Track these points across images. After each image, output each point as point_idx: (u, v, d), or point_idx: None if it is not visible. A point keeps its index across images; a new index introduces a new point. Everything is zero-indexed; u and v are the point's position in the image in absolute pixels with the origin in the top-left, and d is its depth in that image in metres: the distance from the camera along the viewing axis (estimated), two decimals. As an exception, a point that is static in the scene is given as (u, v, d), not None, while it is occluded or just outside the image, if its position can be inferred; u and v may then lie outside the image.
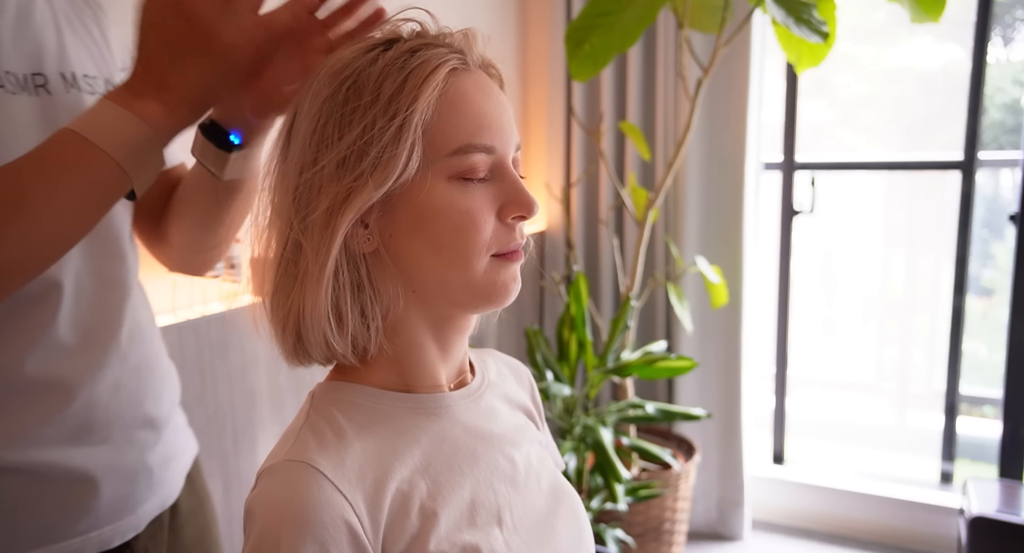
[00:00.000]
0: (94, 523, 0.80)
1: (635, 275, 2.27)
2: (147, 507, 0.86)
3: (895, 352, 3.29)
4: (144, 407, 0.85)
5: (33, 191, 0.62)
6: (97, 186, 0.63)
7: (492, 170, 0.63)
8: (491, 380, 0.74)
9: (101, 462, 0.80)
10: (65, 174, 0.62)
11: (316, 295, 0.59)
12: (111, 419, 0.81)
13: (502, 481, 0.66)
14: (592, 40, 1.98)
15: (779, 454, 2.81)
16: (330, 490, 0.56)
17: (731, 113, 2.44)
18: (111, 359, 0.81)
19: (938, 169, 2.75)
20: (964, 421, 2.84)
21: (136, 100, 0.63)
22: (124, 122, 0.63)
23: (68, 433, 0.78)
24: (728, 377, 2.56)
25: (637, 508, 2.16)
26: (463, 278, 0.62)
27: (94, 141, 0.62)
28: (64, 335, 0.78)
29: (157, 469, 0.87)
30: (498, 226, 0.62)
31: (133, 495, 0.84)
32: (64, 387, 0.77)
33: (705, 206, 2.55)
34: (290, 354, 0.64)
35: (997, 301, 3.12)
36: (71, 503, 0.78)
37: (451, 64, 0.61)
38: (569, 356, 2.27)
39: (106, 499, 0.80)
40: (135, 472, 0.84)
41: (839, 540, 2.54)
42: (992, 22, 2.35)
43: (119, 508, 0.82)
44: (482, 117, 0.61)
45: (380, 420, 0.63)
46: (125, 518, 0.83)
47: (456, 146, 0.60)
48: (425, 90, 0.58)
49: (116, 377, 0.82)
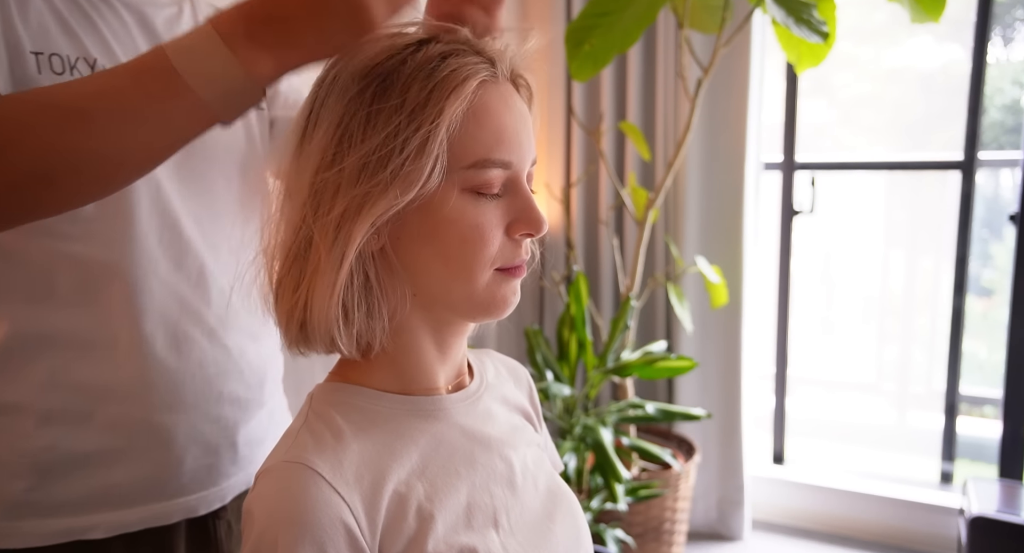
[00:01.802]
0: (179, 489, 0.83)
1: (635, 275, 2.27)
2: (232, 482, 0.89)
3: (895, 352, 3.29)
4: (230, 387, 0.87)
5: (108, 115, 0.59)
6: (180, 122, 0.61)
7: (506, 185, 0.62)
8: (489, 382, 0.74)
9: (184, 430, 0.83)
10: (148, 107, 0.59)
11: (324, 291, 0.59)
12: (197, 390, 0.83)
13: (499, 484, 0.67)
14: (592, 40, 1.98)
15: (779, 454, 2.81)
16: (328, 491, 0.57)
17: (731, 113, 2.44)
18: (197, 334, 0.83)
19: (938, 169, 2.75)
20: (964, 421, 2.84)
21: (250, 47, 0.58)
22: (228, 67, 0.58)
23: (159, 396, 0.80)
24: (728, 377, 2.56)
25: (637, 508, 2.16)
26: (465, 289, 0.62)
27: (190, 82, 0.58)
28: (158, 301, 0.80)
29: (243, 447, 0.89)
30: (505, 241, 0.62)
31: (217, 467, 0.86)
32: (156, 351, 0.80)
33: (705, 206, 2.55)
34: (292, 343, 0.64)
35: (997, 301, 3.12)
36: (159, 465, 0.81)
37: (480, 76, 0.60)
38: (569, 356, 2.27)
39: (189, 467, 0.83)
40: (219, 446, 0.86)
41: (839, 540, 2.54)
42: (992, 22, 2.35)
43: (202, 479, 0.85)
44: (502, 132, 0.61)
45: (378, 422, 0.63)
46: (209, 489, 0.86)
47: (474, 160, 0.60)
48: (452, 103, 0.58)
49: (203, 352, 0.84)
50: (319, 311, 0.59)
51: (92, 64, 0.75)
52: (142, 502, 0.81)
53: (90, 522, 0.78)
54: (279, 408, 1.00)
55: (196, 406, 0.84)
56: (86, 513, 0.78)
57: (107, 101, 0.60)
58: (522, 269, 0.65)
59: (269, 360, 0.95)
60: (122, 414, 0.79)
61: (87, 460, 0.78)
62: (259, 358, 0.92)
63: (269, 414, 0.95)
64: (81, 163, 0.61)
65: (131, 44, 0.79)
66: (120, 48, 0.78)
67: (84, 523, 0.77)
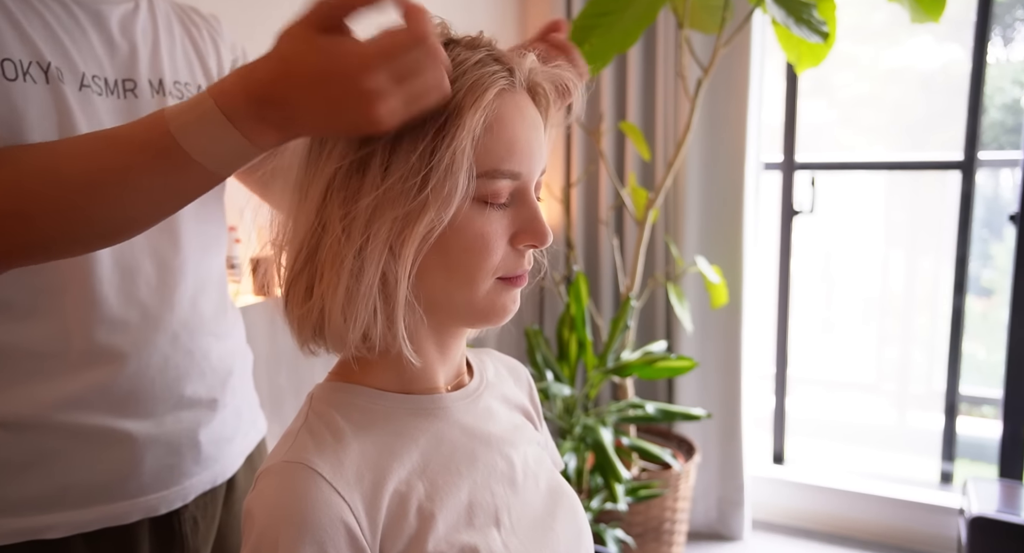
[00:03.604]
0: (139, 489, 0.83)
1: (635, 275, 2.27)
2: (195, 481, 0.89)
3: (895, 352, 3.29)
4: (191, 388, 0.87)
5: (117, 190, 0.61)
6: (187, 189, 0.62)
7: (513, 195, 0.62)
8: (489, 381, 0.74)
9: (145, 432, 0.83)
10: (155, 181, 0.61)
11: (347, 299, 0.59)
12: (157, 395, 0.84)
13: (500, 482, 0.67)
14: (592, 40, 1.98)
15: (779, 454, 2.81)
16: (328, 491, 0.56)
17: (731, 113, 2.44)
18: (160, 339, 0.83)
19: (938, 169, 2.75)
20: (964, 421, 2.84)
21: (255, 123, 0.58)
22: (234, 143, 0.59)
23: (116, 403, 0.81)
24: (728, 377, 2.56)
25: (637, 508, 2.16)
26: (466, 296, 0.62)
27: (198, 159, 0.59)
28: (115, 309, 0.80)
29: (207, 446, 0.89)
30: (508, 251, 0.62)
31: (179, 467, 0.86)
32: (113, 359, 0.80)
33: (705, 206, 2.55)
34: (305, 344, 0.64)
35: (997, 301, 3.12)
36: (116, 466, 0.81)
37: (499, 85, 0.60)
38: (569, 356, 2.27)
39: (149, 467, 0.83)
40: (180, 446, 0.86)
41: (839, 540, 2.54)
42: (992, 22, 2.35)
43: (164, 478, 0.85)
44: (515, 143, 0.60)
45: (378, 421, 0.63)
46: (171, 488, 0.86)
47: (484, 169, 0.59)
48: (474, 114, 0.57)
49: (165, 357, 0.84)
50: (337, 318, 0.59)
51: (46, 68, 0.74)
52: (101, 502, 0.81)
53: (46, 522, 0.78)
54: (248, 405, 0.99)
55: (156, 410, 0.84)
56: (42, 513, 0.78)
57: (114, 176, 0.61)
58: (524, 279, 0.64)
59: (235, 357, 0.95)
60: (79, 420, 0.79)
61: (43, 460, 0.78)
62: (223, 357, 0.92)
63: (236, 412, 0.95)
64: (86, 232, 0.63)
65: (86, 44, 0.79)
66: (75, 49, 0.77)
67: (40, 523, 0.77)
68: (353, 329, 0.59)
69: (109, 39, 0.81)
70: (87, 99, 0.77)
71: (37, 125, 0.73)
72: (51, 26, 0.76)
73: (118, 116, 0.80)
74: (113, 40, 0.81)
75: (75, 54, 0.77)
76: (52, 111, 0.74)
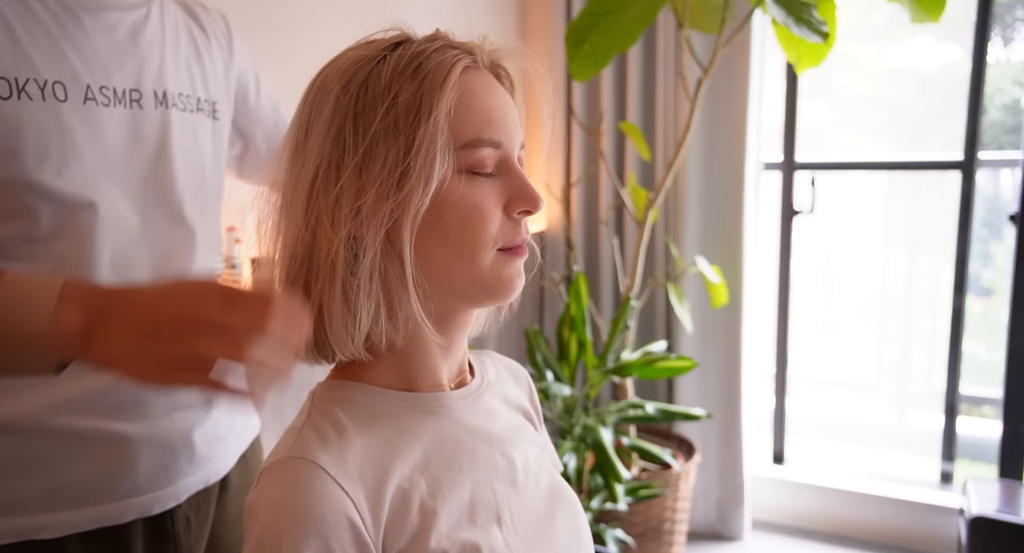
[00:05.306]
0: (133, 489, 0.83)
1: (635, 275, 2.27)
2: (188, 481, 0.89)
3: (895, 352, 3.29)
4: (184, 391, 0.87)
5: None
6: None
7: (499, 165, 0.63)
8: (490, 381, 0.75)
9: (139, 433, 0.83)
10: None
11: (343, 296, 0.59)
12: (151, 397, 0.84)
13: (501, 480, 0.67)
14: (592, 40, 1.99)
15: (779, 454, 2.81)
16: (332, 486, 0.57)
17: (731, 113, 2.44)
18: None
19: (938, 169, 2.75)
20: (964, 421, 2.84)
21: (83, 342, 0.60)
22: (61, 344, 0.60)
23: (111, 406, 0.81)
24: (728, 377, 2.56)
25: (637, 508, 2.16)
26: (469, 271, 0.62)
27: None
28: None
29: (201, 446, 0.90)
30: (504, 220, 0.63)
31: (172, 468, 0.87)
32: None
33: (705, 206, 2.55)
34: (307, 353, 0.64)
35: (997, 301, 3.12)
36: (110, 467, 0.81)
37: (464, 63, 0.62)
38: (569, 356, 2.27)
39: (144, 467, 0.84)
40: (174, 446, 0.87)
41: (839, 540, 2.54)
42: (992, 22, 2.35)
43: (158, 478, 0.85)
44: (489, 112, 0.62)
45: (381, 418, 0.64)
46: (164, 488, 0.86)
47: (465, 140, 0.61)
48: (445, 93, 0.59)
49: None
50: (338, 319, 0.60)
51: (43, 85, 0.74)
52: (95, 502, 0.81)
53: (41, 522, 0.78)
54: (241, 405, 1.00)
55: (150, 412, 0.84)
56: (36, 513, 0.78)
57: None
58: (524, 249, 0.65)
59: None
60: (74, 423, 0.79)
61: (37, 461, 0.78)
62: None
63: (229, 412, 0.95)
64: None
65: (93, 54, 0.79)
66: (80, 60, 0.77)
67: (34, 523, 0.78)
68: (355, 328, 0.60)
69: (118, 47, 0.81)
70: (91, 112, 0.77)
71: (33, 143, 0.73)
72: (54, 36, 0.76)
73: (123, 127, 0.80)
74: (122, 49, 0.82)
75: (79, 66, 0.77)
76: (52, 128, 0.74)
